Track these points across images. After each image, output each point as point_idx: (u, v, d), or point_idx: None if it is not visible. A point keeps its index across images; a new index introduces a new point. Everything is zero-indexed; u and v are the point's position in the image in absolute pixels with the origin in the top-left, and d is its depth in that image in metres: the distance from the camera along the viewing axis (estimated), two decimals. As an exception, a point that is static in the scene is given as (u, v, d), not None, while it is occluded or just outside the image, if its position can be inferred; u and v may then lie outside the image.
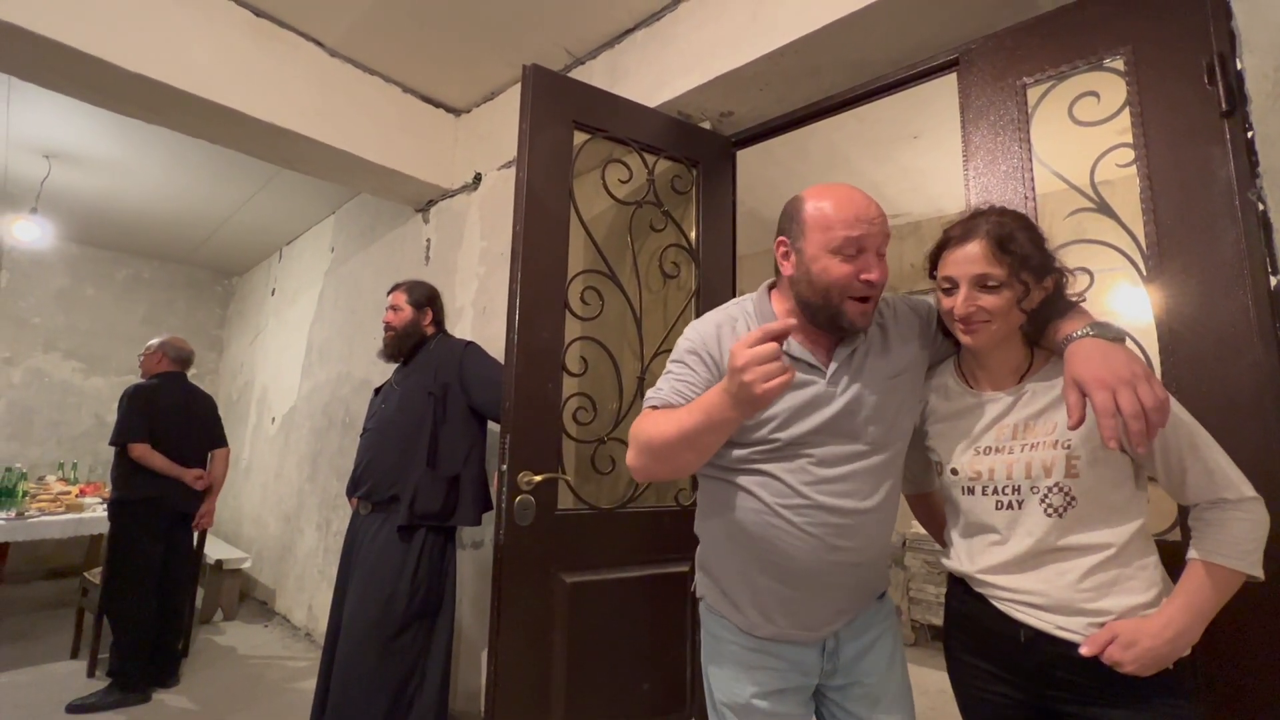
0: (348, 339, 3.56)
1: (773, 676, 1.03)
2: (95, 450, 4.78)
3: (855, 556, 0.99)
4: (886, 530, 1.03)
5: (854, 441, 0.99)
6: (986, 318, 0.92)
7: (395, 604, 1.83)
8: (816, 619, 1.01)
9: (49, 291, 4.74)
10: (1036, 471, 0.89)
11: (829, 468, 0.98)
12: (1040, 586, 0.89)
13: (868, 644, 1.05)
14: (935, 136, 2.73)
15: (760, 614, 1.02)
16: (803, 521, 0.97)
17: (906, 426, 1.04)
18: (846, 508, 0.97)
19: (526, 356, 1.54)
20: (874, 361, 1.03)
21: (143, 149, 3.29)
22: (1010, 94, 1.38)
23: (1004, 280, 0.90)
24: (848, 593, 1.03)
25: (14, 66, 1.96)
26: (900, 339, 1.06)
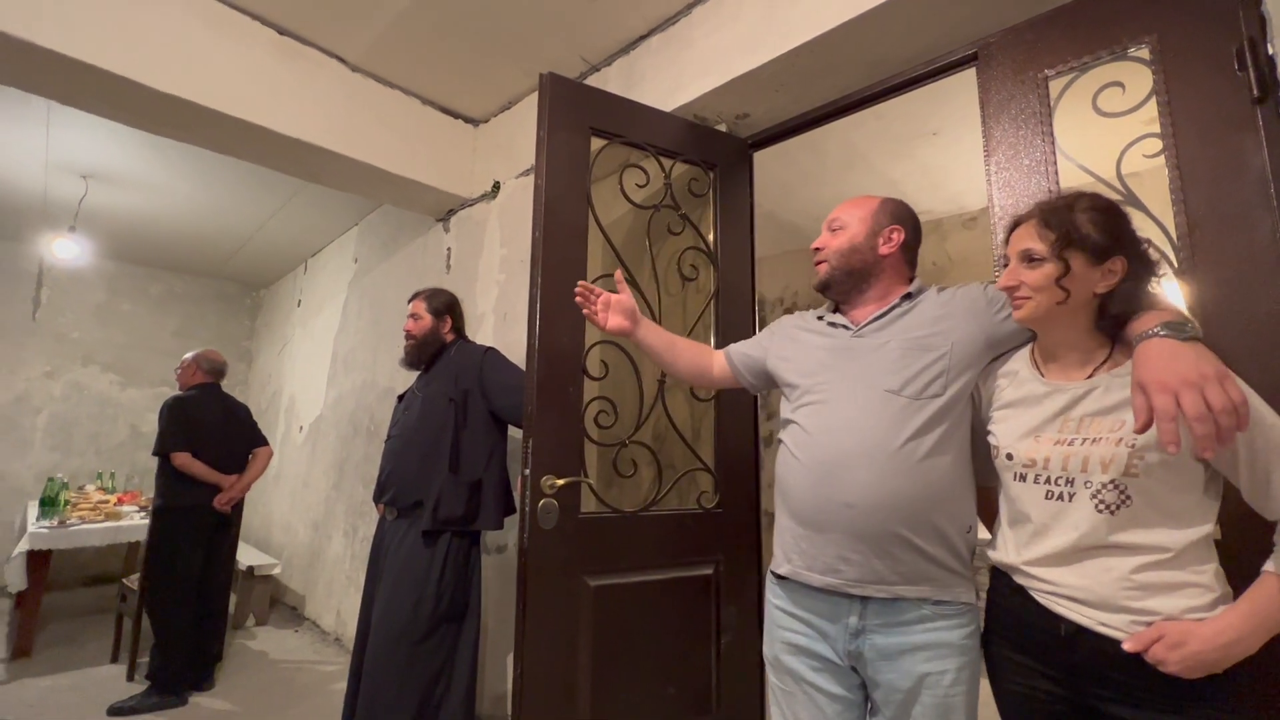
0: (371, 348, 3.62)
1: (798, 635, 1.12)
2: (132, 460, 4.92)
3: (849, 498, 1.04)
4: (894, 486, 1.02)
5: (871, 388, 1.09)
6: (1028, 292, 0.93)
7: (422, 608, 1.85)
8: (820, 560, 1.08)
9: (87, 307, 4.91)
10: (1093, 466, 0.87)
11: (836, 410, 1.11)
12: (1083, 581, 0.87)
13: (900, 647, 1.03)
14: (955, 132, 2.69)
15: (783, 552, 1.16)
16: (805, 457, 1.12)
17: (939, 389, 1.05)
18: (845, 444, 1.07)
19: (547, 361, 1.56)
20: (905, 322, 1.14)
21: (174, 167, 3.40)
22: (1031, 87, 1.36)
23: (1044, 255, 0.91)
24: (848, 538, 1.05)
25: (54, 91, 2.04)
26: (946, 314, 1.12)
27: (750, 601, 1.76)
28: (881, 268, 1.20)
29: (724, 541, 1.74)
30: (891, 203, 1.24)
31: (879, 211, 1.22)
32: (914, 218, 1.24)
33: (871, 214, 1.22)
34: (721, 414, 1.82)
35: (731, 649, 1.69)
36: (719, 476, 1.77)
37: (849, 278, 1.21)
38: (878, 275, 1.20)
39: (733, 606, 1.72)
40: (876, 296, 1.21)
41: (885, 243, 1.20)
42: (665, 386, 1.76)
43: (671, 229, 1.87)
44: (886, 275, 1.20)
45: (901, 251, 1.20)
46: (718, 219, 1.90)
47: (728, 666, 1.68)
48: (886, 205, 1.23)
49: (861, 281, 1.20)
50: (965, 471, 1.07)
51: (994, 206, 1.39)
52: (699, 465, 1.79)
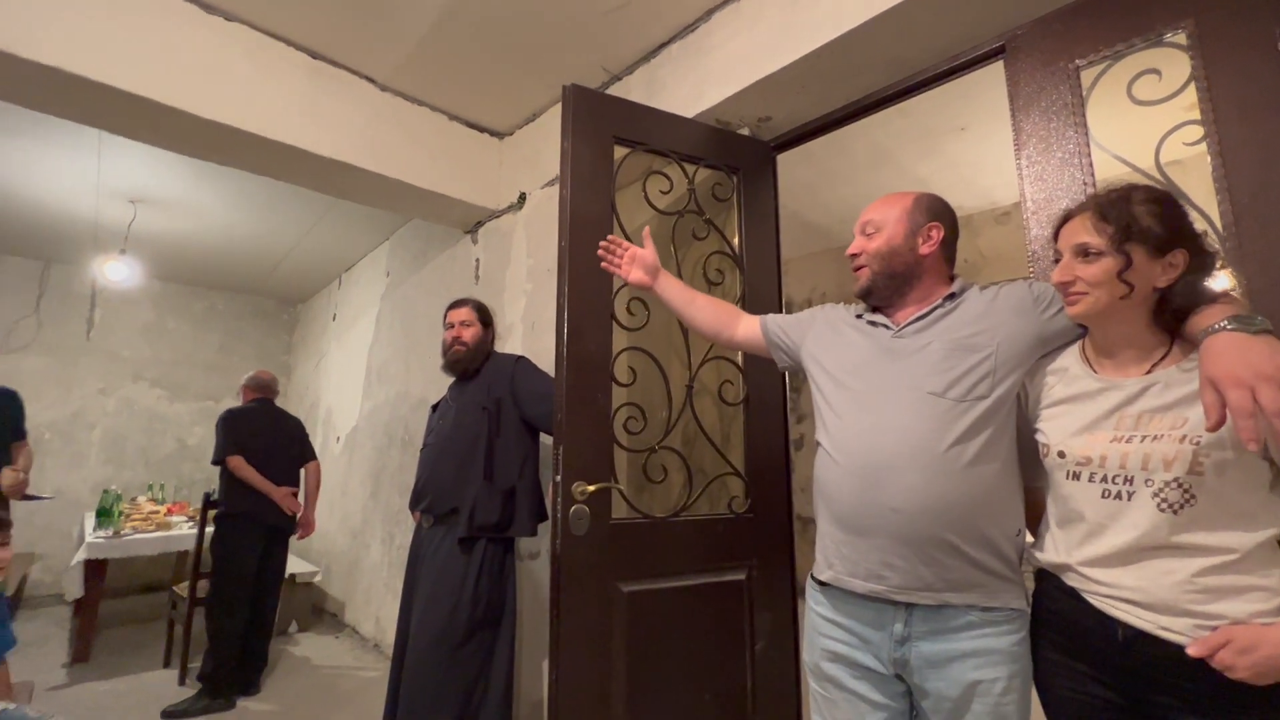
0: (404, 359, 3.70)
1: (839, 643, 1.09)
2: (179, 472, 5.11)
3: (894, 502, 1.01)
4: (940, 490, 1.00)
5: (913, 390, 1.06)
6: (1084, 288, 0.91)
7: (459, 614, 1.88)
8: (863, 566, 1.05)
9: (136, 326, 5.13)
10: (1155, 464, 0.83)
11: (877, 412, 1.08)
12: (1141, 583, 0.84)
13: (948, 654, 1.00)
14: (984, 127, 2.64)
15: (824, 558, 1.13)
16: (845, 460, 1.09)
17: (984, 391, 1.02)
18: (888, 447, 1.04)
19: (576, 368, 1.57)
20: (947, 323, 1.11)
21: (216, 190, 3.54)
22: (1062, 78, 1.33)
23: (1103, 249, 0.89)
24: (892, 543, 1.02)
25: (105, 122, 2.14)
26: (990, 312, 1.09)
27: (784, 607, 1.75)
28: (923, 268, 1.16)
29: (756, 546, 1.73)
30: (926, 198, 1.19)
31: (914, 209, 1.17)
32: (951, 212, 1.20)
33: (907, 212, 1.17)
34: (751, 418, 1.81)
35: (767, 655, 1.68)
36: (749, 481, 1.77)
37: (891, 281, 1.17)
38: (919, 276, 1.16)
39: (767, 612, 1.70)
40: (918, 298, 1.17)
41: (925, 241, 1.15)
42: (694, 391, 1.76)
43: (696, 234, 1.88)
44: (928, 275, 1.16)
45: (941, 249, 1.16)
46: (742, 223, 1.90)
47: (763, 673, 1.66)
48: (921, 201, 1.18)
49: (904, 284, 1.17)
50: (1013, 475, 1.04)
51: (1026, 201, 1.36)
52: (729, 470, 1.79)
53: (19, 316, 4.63)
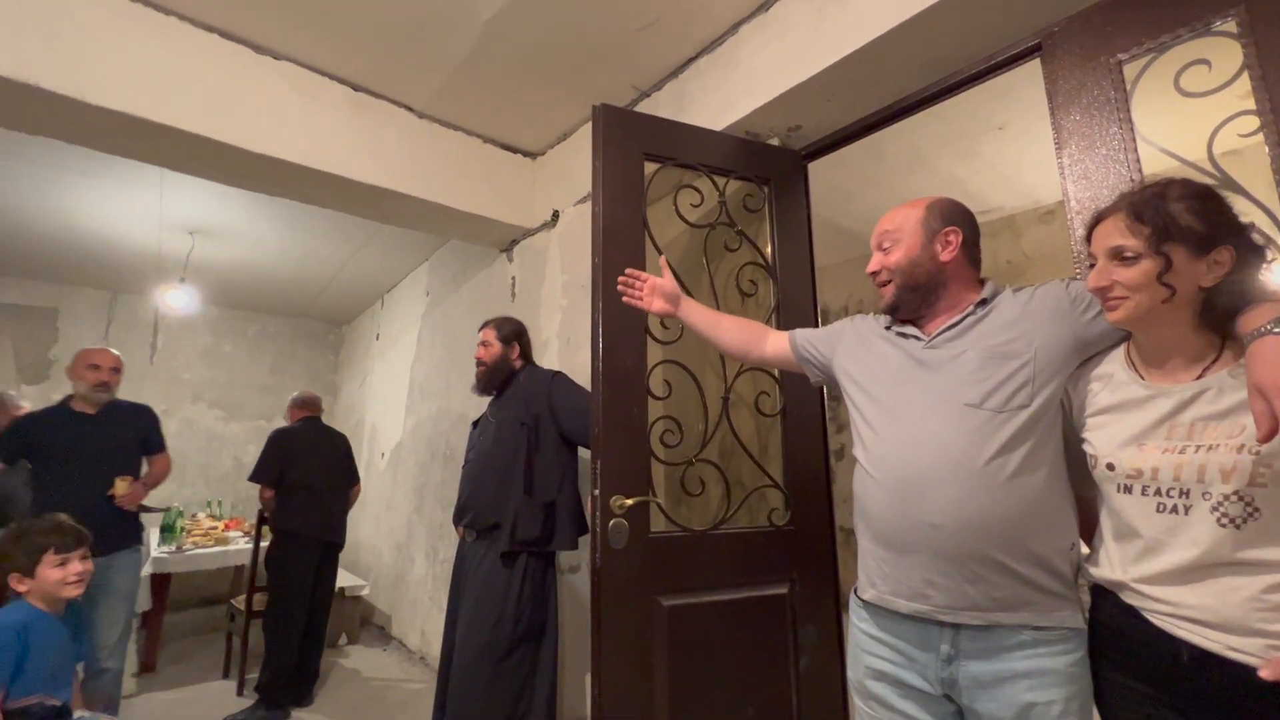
0: (445, 376, 3.79)
1: (884, 661, 1.06)
2: (236, 489, 5.33)
3: (934, 517, 0.98)
4: (981, 505, 0.96)
5: (949, 402, 1.03)
6: (1123, 292, 0.87)
7: (502, 627, 1.91)
8: (906, 585, 1.02)
9: (195, 349, 5.40)
10: (1211, 475, 0.79)
11: (912, 425, 1.05)
12: (1206, 601, 0.79)
13: (998, 675, 0.95)
14: (1022, 124, 2.57)
15: (866, 576, 1.11)
16: (882, 475, 1.07)
17: (1024, 399, 0.98)
18: (925, 461, 1.01)
19: (611, 382, 1.59)
20: (980, 330, 1.07)
21: (266, 219, 3.71)
22: (1104, 73, 1.30)
23: (1140, 252, 0.84)
24: (935, 561, 0.98)
25: (166, 159, 2.28)
26: (1025, 316, 1.05)
27: (829, 622, 1.71)
28: (946, 275, 1.12)
29: (798, 560, 1.70)
30: (940, 203, 1.16)
31: (929, 216, 1.14)
32: (967, 213, 1.16)
33: (921, 221, 1.14)
34: (789, 429, 1.79)
35: (811, 671, 1.64)
36: (789, 493, 1.74)
37: (916, 294, 1.14)
38: (944, 284, 1.13)
39: (810, 627, 1.67)
40: (947, 306, 1.13)
41: (945, 248, 1.12)
42: (730, 403, 1.76)
43: (728, 246, 1.88)
44: (954, 282, 1.13)
45: (964, 253, 1.13)
46: (774, 232, 1.89)
47: (808, 689, 1.63)
48: (935, 207, 1.15)
49: (930, 294, 1.13)
50: (1061, 487, 0.99)
51: (1070, 200, 1.32)
52: (768, 482, 1.77)
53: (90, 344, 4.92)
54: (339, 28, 2.14)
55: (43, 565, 1.62)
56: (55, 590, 1.63)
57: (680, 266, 1.81)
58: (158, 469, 2.61)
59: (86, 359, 2.50)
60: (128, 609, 2.39)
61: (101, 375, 2.47)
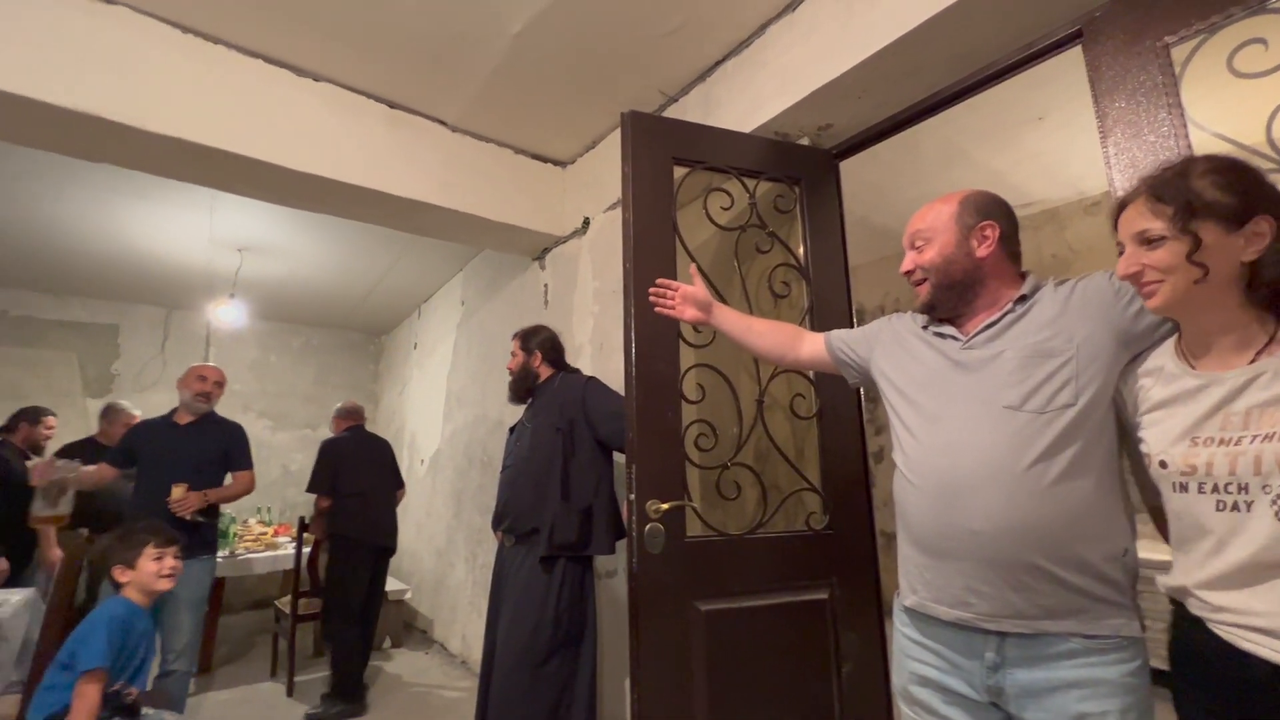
0: (481, 384, 3.85)
1: (929, 667, 1.04)
2: (284, 495, 5.51)
3: (974, 524, 0.95)
4: (1024, 511, 0.92)
5: (987, 405, 1.00)
6: (1155, 276, 0.82)
7: (541, 632, 1.92)
8: (947, 592, 1.00)
9: (245, 362, 5.62)
10: (1269, 466, 0.73)
11: (950, 430, 1.02)
12: (1271, 607, 0.73)
13: (1047, 684, 0.91)
14: (1064, 113, 2.49)
15: (908, 583, 1.09)
16: (920, 481, 1.04)
17: (1068, 399, 0.94)
18: (964, 466, 0.98)
19: (645, 387, 1.59)
20: (1020, 328, 1.03)
21: (308, 234, 3.85)
22: (1150, 57, 1.25)
23: (1165, 233, 0.80)
24: (976, 568, 0.95)
25: (216, 180, 2.39)
26: (1066, 311, 1.01)
27: (871, 628, 1.68)
28: (984, 272, 1.09)
29: (838, 564, 1.67)
30: (974, 196, 1.12)
31: (962, 211, 1.10)
32: (1003, 206, 1.12)
33: (954, 216, 1.10)
34: (825, 431, 1.76)
35: (855, 678, 1.61)
36: (827, 496, 1.72)
37: (951, 292, 1.10)
38: (982, 281, 1.09)
39: (853, 633, 1.64)
40: (986, 304, 1.09)
41: (981, 243, 1.08)
42: (764, 406, 1.74)
43: (759, 248, 1.87)
44: (992, 278, 1.09)
45: (1002, 248, 1.08)
46: (806, 233, 1.87)
47: (852, 696, 1.60)
48: (969, 201, 1.11)
49: (967, 292, 1.09)
50: (1114, 490, 0.94)
51: (1115, 190, 1.27)
52: (805, 485, 1.75)
53: (148, 358, 5.19)
54: (374, 47, 2.21)
55: (143, 558, 1.76)
56: (151, 582, 1.76)
57: (711, 269, 1.81)
58: (234, 485, 2.70)
59: (196, 371, 2.74)
60: (195, 615, 2.49)
61: (205, 386, 2.70)
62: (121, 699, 1.64)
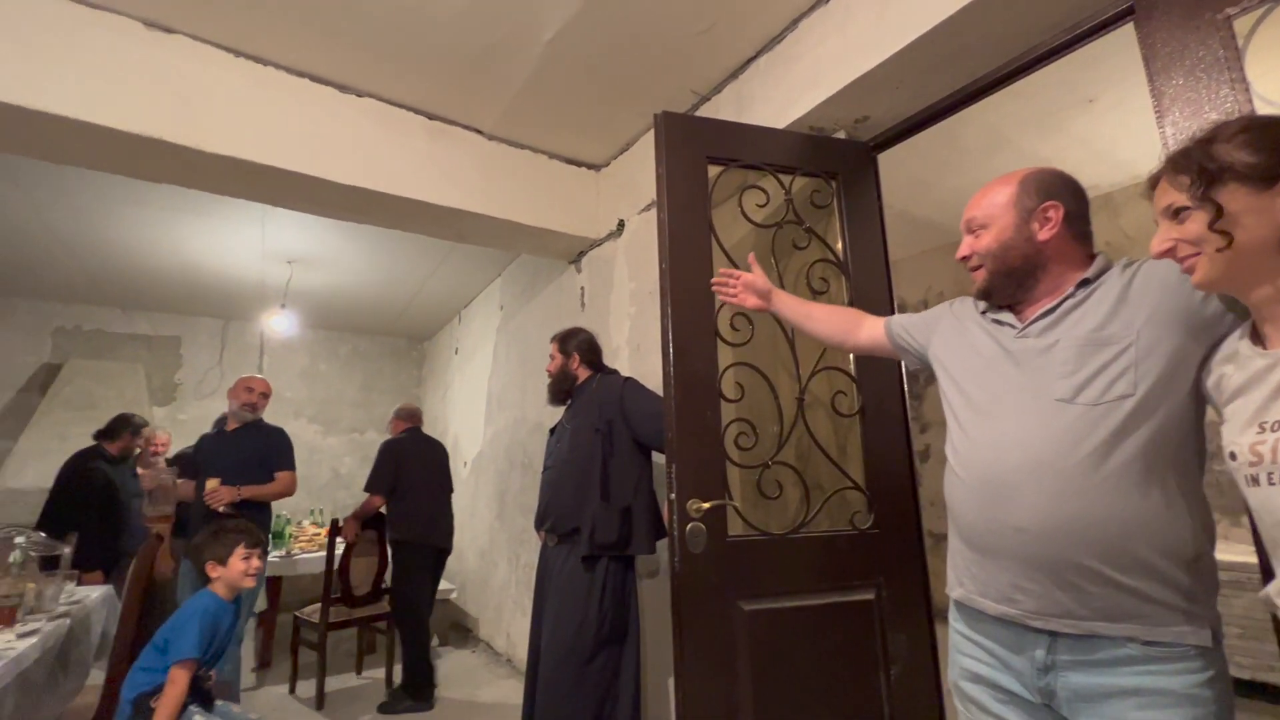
0: (520, 387, 3.92)
1: (979, 664, 1.01)
2: (334, 498, 5.72)
3: (1019, 521, 0.92)
4: (1074, 509, 0.87)
5: (1038, 398, 0.96)
6: (1189, 250, 0.78)
7: (585, 631, 1.95)
8: (993, 587, 0.98)
9: (295, 370, 5.84)
10: None
11: (999, 422, 0.99)
12: None
13: (1102, 690, 0.86)
14: (1116, 94, 2.39)
15: (954, 575, 1.07)
16: (967, 475, 1.02)
17: (1126, 388, 0.88)
18: (1011, 461, 0.95)
19: (683, 387, 1.60)
20: (1078, 315, 0.98)
21: (354, 245, 3.99)
22: (1210, 30, 1.19)
23: (1187, 203, 0.76)
24: (1022, 566, 0.92)
25: (268, 196, 2.50)
26: (1128, 295, 0.94)
27: (920, 629, 1.64)
28: (1046, 256, 1.02)
29: (884, 564, 1.64)
30: (1035, 176, 1.05)
31: (1022, 192, 1.04)
32: (1070, 184, 1.04)
33: (1013, 199, 1.04)
34: (869, 429, 1.73)
35: (904, 680, 1.58)
36: (872, 495, 1.69)
37: (1010, 279, 1.05)
38: (1044, 266, 1.02)
39: (901, 634, 1.61)
40: (1048, 289, 1.03)
41: (1043, 225, 1.01)
42: (805, 404, 1.72)
43: (796, 244, 1.85)
44: (1056, 263, 1.02)
45: (1067, 228, 1.01)
46: (845, 228, 1.85)
47: (901, 698, 1.56)
48: (1030, 182, 1.04)
49: (1026, 279, 1.04)
50: (1185, 488, 0.87)
51: (1175, 173, 1.21)
52: (848, 484, 1.72)
53: (208, 367, 5.45)
54: (413, 61, 2.27)
55: (233, 556, 1.87)
56: (238, 580, 1.87)
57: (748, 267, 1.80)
58: (273, 484, 2.86)
59: (244, 383, 2.95)
60: (245, 610, 2.64)
61: (251, 398, 2.92)
62: (202, 685, 1.75)
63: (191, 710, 1.70)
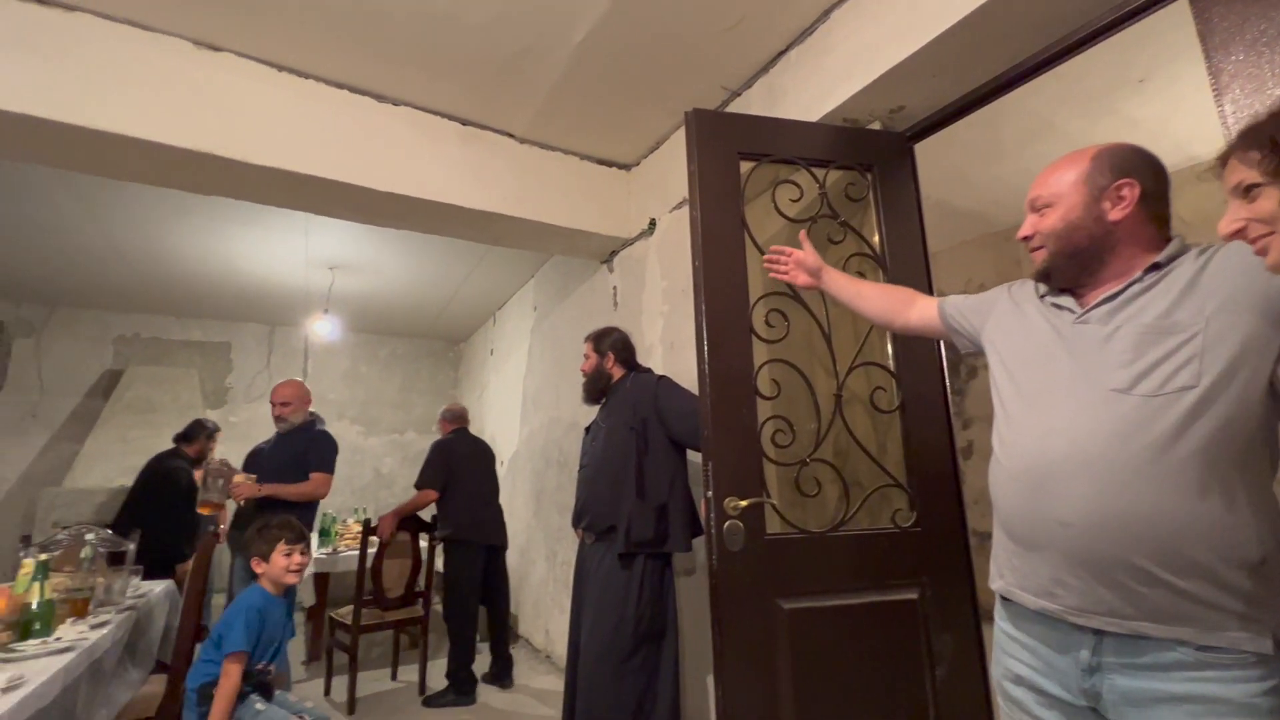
0: (554, 386, 3.96)
1: (1023, 665, 0.98)
2: (376, 497, 5.87)
3: (1064, 515, 0.89)
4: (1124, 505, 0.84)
5: (1092, 387, 0.92)
6: (1261, 230, 0.74)
7: (624, 628, 1.96)
8: (1033, 581, 0.95)
9: (338, 372, 6.03)
10: None
11: (1049, 411, 0.95)
12: None
13: (1151, 695, 0.83)
14: (1168, 73, 2.29)
15: (995, 566, 1.05)
16: (1011, 464, 0.99)
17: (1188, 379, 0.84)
18: (1058, 452, 0.91)
19: (719, 384, 1.59)
20: (1143, 301, 0.93)
21: (392, 250, 4.09)
22: (1271, 2, 1.12)
23: (1258, 180, 0.72)
24: (1064, 561, 0.89)
25: (311, 205, 2.59)
26: (1199, 281, 0.89)
27: (967, 630, 1.60)
28: (1116, 238, 0.96)
29: (928, 563, 1.61)
30: (1111, 151, 0.98)
31: (1095, 169, 0.97)
32: (1149, 161, 0.98)
33: (1085, 176, 0.98)
34: (910, 425, 1.70)
35: (951, 681, 1.54)
36: (913, 493, 1.65)
37: (1073, 261, 0.99)
38: (1112, 248, 0.96)
39: (946, 635, 1.57)
40: (1115, 273, 0.97)
41: (1116, 205, 0.95)
42: (843, 400, 1.70)
43: (831, 238, 1.82)
44: (1126, 245, 0.96)
45: (1142, 208, 0.95)
46: (881, 221, 1.81)
47: (947, 700, 1.53)
48: (1104, 157, 0.98)
49: (1091, 261, 0.98)
50: (1255, 486, 0.82)
51: (1236, 153, 1.15)
52: (889, 481, 1.69)
53: (256, 371, 5.67)
54: (446, 68, 2.32)
55: (276, 553, 1.94)
56: (281, 575, 1.94)
57: (782, 263, 1.78)
58: (301, 484, 2.90)
59: (271, 396, 3.11)
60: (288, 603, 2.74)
61: (275, 410, 3.08)
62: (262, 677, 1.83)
63: (251, 699, 1.78)
